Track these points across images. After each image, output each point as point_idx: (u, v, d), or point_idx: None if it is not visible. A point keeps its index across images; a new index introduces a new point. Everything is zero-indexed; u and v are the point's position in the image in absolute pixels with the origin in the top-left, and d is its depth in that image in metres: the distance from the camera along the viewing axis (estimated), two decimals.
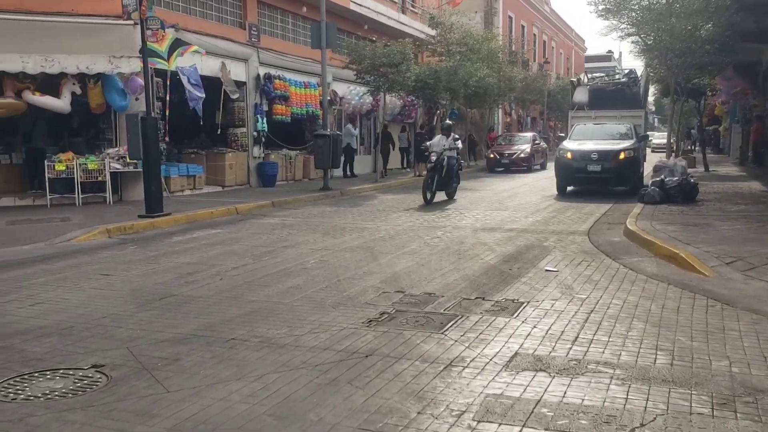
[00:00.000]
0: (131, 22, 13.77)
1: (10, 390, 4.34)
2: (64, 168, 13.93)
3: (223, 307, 6.28)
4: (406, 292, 6.78)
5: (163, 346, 5.15)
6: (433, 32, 28.25)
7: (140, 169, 14.51)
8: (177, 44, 15.40)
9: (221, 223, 12.33)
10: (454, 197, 16.48)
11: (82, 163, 14.04)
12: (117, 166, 14.39)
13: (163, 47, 15.18)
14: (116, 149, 14.66)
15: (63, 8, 14.42)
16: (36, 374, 4.61)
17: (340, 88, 23.97)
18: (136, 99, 14.54)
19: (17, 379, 4.51)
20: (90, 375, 4.59)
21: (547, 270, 7.93)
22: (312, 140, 19.59)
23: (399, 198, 17.16)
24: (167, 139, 18.57)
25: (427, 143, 16.40)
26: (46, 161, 13.99)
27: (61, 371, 4.66)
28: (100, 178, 14.28)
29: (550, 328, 5.55)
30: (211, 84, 17.87)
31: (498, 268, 8.00)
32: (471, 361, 4.75)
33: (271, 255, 8.99)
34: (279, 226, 11.82)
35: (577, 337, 5.29)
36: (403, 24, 27.79)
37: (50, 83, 14.06)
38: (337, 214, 13.77)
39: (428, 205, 14.84)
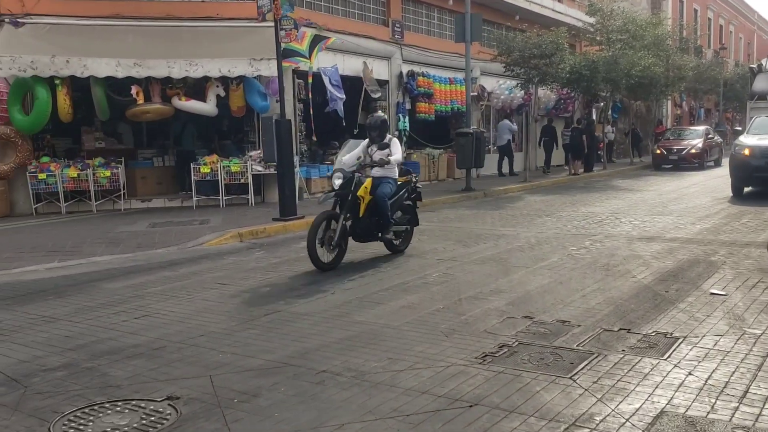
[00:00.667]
0: (269, 23, 13.72)
1: (73, 424, 3.96)
2: (208, 170, 14.15)
3: (325, 329, 5.69)
4: (535, 319, 5.83)
5: (247, 376, 4.62)
6: (591, 20, 26.39)
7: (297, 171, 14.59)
8: (317, 40, 15.19)
9: None
10: (404, 248, 9.23)
11: (225, 165, 14.19)
12: (258, 168, 14.41)
13: (303, 46, 15.04)
14: (258, 151, 14.70)
15: (209, 13, 14.68)
16: (107, 405, 4.22)
17: (489, 83, 22.95)
18: (277, 101, 14.45)
19: (86, 410, 4.15)
20: (161, 410, 4.13)
21: (712, 293, 6.62)
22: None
23: (547, 200, 15.94)
24: (314, 138, 18.65)
25: (341, 157, 8.87)
26: (192, 164, 14.28)
27: (134, 402, 4.25)
28: (242, 180, 14.37)
29: (710, 376, 4.42)
30: (355, 84, 17.61)
31: (651, 290, 6.80)
32: (601, 422, 3.78)
33: (394, 265, 8.33)
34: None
35: (746, 392, 4.13)
36: (558, 12, 26.22)
37: (199, 88, 14.34)
38: (475, 218, 12.89)
39: (323, 271, 8.02)
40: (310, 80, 15.53)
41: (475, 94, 22.25)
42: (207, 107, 13.93)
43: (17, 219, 13.36)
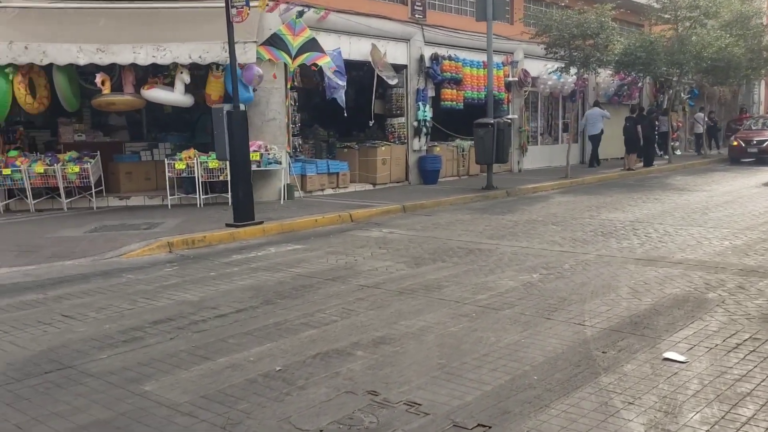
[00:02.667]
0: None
1: None
2: (184, 167, 12.91)
3: (89, 403, 4.18)
4: (380, 397, 4.15)
5: None
6: None
7: (270, 168, 13.22)
8: (311, 47, 13.57)
9: (314, 236, 10.30)
10: None
11: (203, 161, 12.90)
12: None
13: (295, 42, 13.53)
14: None
15: None
16: None
17: (534, 67, 20.72)
18: (254, 90, 13.04)
19: None
20: None
21: (666, 359, 4.69)
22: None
23: (573, 202, 13.88)
24: (321, 130, 17.19)
25: None
26: (166, 160, 13.09)
27: None
28: (221, 178, 13.05)
29: None
30: (367, 69, 15.99)
31: (586, 349, 4.94)
32: None
33: (292, 296, 6.71)
34: (370, 244, 9.48)
35: None
36: None
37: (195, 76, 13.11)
38: (467, 224, 11.04)
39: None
40: (324, 61, 13.86)
41: (516, 79, 20.15)
42: (176, 97, 12.66)
43: None
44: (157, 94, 12.61)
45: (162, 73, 13.14)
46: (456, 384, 4.34)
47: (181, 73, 12.44)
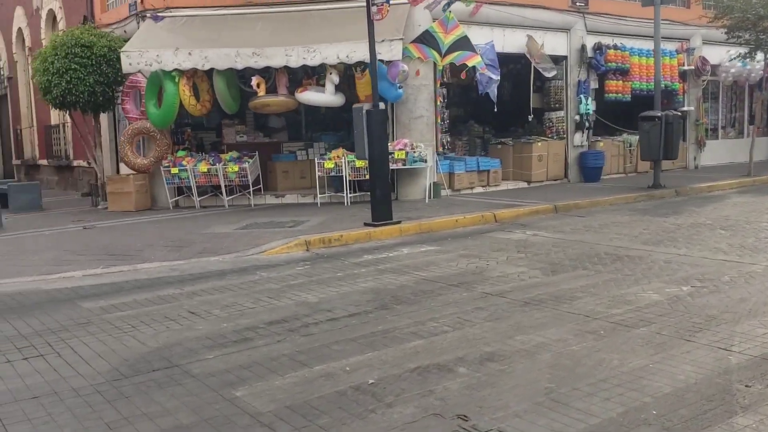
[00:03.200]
0: (398, 1, 12.27)
1: None
2: (332, 165, 13.11)
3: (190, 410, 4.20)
4: None
5: None
6: None
7: (416, 166, 13.11)
8: (462, 45, 13.20)
9: (451, 237, 9.97)
10: None
11: (350, 160, 13.02)
12: None
13: (447, 40, 13.25)
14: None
15: None
16: None
17: (714, 53, 18.84)
18: (400, 87, 12.91)
19: None
20: None
21: None
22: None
23: (753, 203, 12.41)
24: (480, 128, 16.78)
25: None
26: (316, 159, 13.36)
27: None
28: (367, 176, 13.06)
29: None
30: (520, 62, 15.38)
31: (729, 378, 4.24)
32: None
33: (409, 302, 6.44)
34: (508, 248, 8.98)
35: None
36: None
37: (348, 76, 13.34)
38: (623, 227, 10.16)
39: None
40: (474, 62, 13.46)
41: (693, 67, 18.45)
42: (326, 98, 12.84)
43: (154, 212, 13.57)
44: (309, 96, 12.90)
45: (315, 75, 13.46)
46: (559, 413, 3.85)
47: (330, 73, 12.60)
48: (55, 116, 20.19)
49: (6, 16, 22.97)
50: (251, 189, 13.71)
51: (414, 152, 13.02)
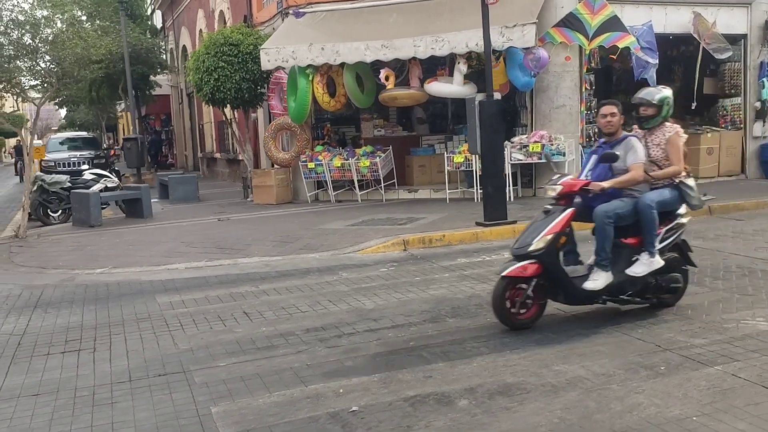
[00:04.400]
0: None
1: None
2: (462, 160, 12.52)
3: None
4: None
5: None
6: None
7: (555, 160, 12.14)
8: (612, 26, 12.06)
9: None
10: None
11: None
12: (519, 156, 12.17)
13: (594, 22, 12.16)
14: (520, 137, 12.46)
15: None
16: None
17: None
18: (533, 75, 11.95)
19: None
20: None
21: None
22: None
23: None
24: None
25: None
26: (445, 153, 12.85)
27: None
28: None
29: None
30: (683, 43, 13.69)
31: None
32: None
33: (464, 315, 5.80)
34: None
35: None
36: None
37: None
38: None
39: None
40: (627, 42, 12.25)
41: None
42: (454, 89, 12.22)
43: (292, 206, 13.83)
44: (437, 87, 12.40)
45: (445, 65, 12.95)
46: None
47: (458, 63, 11.98)
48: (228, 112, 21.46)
49: (191, 17, 24.86)
50: (382, 184, 13.50)
51: (552, 145, 12.04)
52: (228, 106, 14.90)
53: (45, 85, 13.55)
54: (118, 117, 42.92)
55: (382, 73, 12.63)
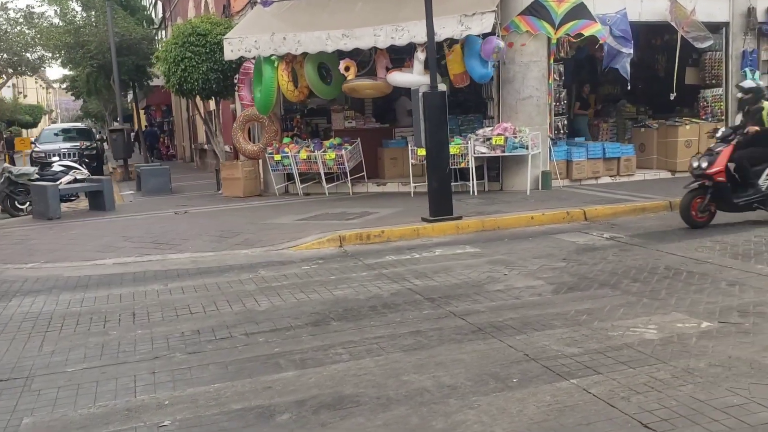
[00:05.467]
0: None
1: None
2: (425, 153, 12.12)
3: None
4: None
5: None
6: None
7: (516, 153, 11.80)
8: (578, 13, 11.71)
9: (512, 237, 8.69)
10: None
11: None
12: (482, 149, 11.80)
13: (560, 9, 11.79)
14: (485, 130, 12.10)
15: None
16: None
17: None
18: (493, 66, 11.57)
19: None
20: None
21: None
22: None
23: None
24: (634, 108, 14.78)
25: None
26: (409, 146, 12.50)
27: None
28: (462, 165, 11.99)
29: None
30: (664, 32, 13.21)
31: None
32: None
33: (353, 318, 5.52)
34: (554, 254, 7.56)
35: None
36: None
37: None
38: (740, 234, 8.14)
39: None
40: (592, 30, 11.88)
41: None
42: (414, 78, 11.80)
43: (259, 199, 13.61)
44: (397, 77, 12.05)
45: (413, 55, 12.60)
46: None
47: (417, 52, 11.62)
48: (213, 104, 21.29)
49: (184, 8, 24.71)
50: (349, 177, 13.21)
51: (515, 138, 11.66)
52: (197, 96, 14.71)
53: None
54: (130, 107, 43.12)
55: (342, 64, 12.34)
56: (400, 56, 12.68)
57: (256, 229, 9.79)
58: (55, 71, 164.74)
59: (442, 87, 9.46)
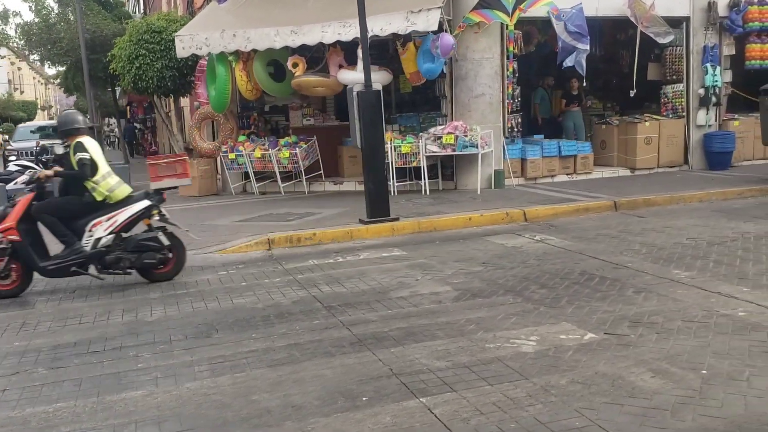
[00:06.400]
0: None
1: None
2: None
3: None
4: None
5: None
6: None
7: (467, 152, 11.60)
8: None
9: (444, 239, 8.49)
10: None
11: (397, 145, 11.79)
12: (433, 148, 11.59)
13: None
14: (436, 128, 11.89)
15: None
16: None
17: None
18: (446, 63, 11.34)
19: None
20: None
21: None
22: None
23: None
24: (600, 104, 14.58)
25: None
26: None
27: None
28: (414, 164, 11.79)
29: None
30: (624, 27, 12.98)
31: None
32: None
33: (232, 329, 5.33)
34: (477, 258, 7.37)
35: None
36: None
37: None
38: (671, 235, 7.94)
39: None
40: (543, 2, 11.66)
41: None
42: (359, 75, 11.59)
43: (214, 198, 13.45)
44: (345, 75, 11.82)
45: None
46: None
47: (359, 48, 11.39)
48: (183, 101, 21.12)
49: (159, 4, 24.51)
50: (304, 176, 13.01)
51: (466, 136, 11.45)
52: (153, 94, 14.52)
53: None
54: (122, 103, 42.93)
55: (290, 61, 12.14)
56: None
57: (192, 231, 9.57)
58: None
59: (377, 86, 9.25)
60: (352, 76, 11.74)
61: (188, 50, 12.65)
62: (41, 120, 56.57)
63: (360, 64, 11.41)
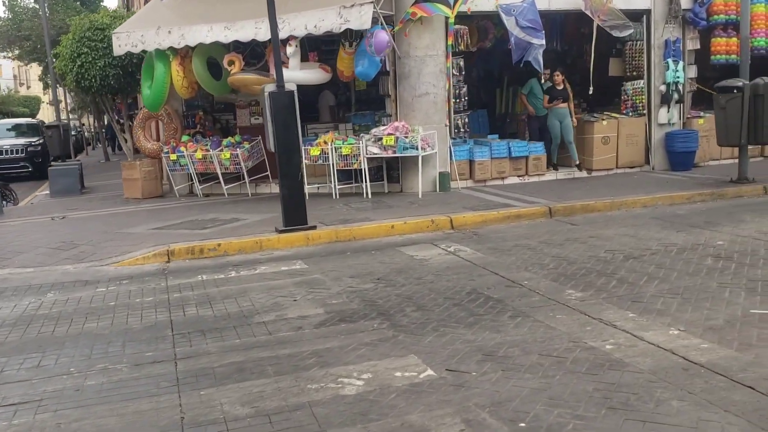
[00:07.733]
0: None
1: None
2: (318, 152, 11.46)
3: None
4: None
5: None
6: None
7: (407, 154, 11.07)
8: None
9: (360, 250, 7.98)
10: None
11: (338, 146, 11.28)
12: (374, 150, 11.06)
13: None
14: (378, 129, 11.36)
15: None
16: None
17: None
18: (381, 61, 10.79)
19: None
20: None
21: None
22: None
23: None
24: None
25: None
26: (303, 146, 11.77)
27: None
28: (355, 166, 11.27)
29: None
30: (582, 22, 12.39)
31: None
32: None
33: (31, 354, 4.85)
34: (374, 273, 6.86)
35: None
36: None
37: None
38: (595, 247, 7.39)
39: None
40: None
41: None
42: (291, 74, 10.98)
43: (156, 201, 12.96)
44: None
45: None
46: None
47: (289, 45, 10.88)
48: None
49: (140, 1, 24.08)
50: (247, 178, 12.53)
51: (406, 138, 10.92)
52: (104, 94, 14.07)
53: None
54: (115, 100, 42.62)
55: (226, 58, 11.64)
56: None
57: (103, 239, 9.14)
58: None
59: (290, 86, 8.72)
60: (286, 75, 11.23)
61: (124, 48, 12.17)
62: (46, 115, 56.35)
63: (292, 61, 10.99)
